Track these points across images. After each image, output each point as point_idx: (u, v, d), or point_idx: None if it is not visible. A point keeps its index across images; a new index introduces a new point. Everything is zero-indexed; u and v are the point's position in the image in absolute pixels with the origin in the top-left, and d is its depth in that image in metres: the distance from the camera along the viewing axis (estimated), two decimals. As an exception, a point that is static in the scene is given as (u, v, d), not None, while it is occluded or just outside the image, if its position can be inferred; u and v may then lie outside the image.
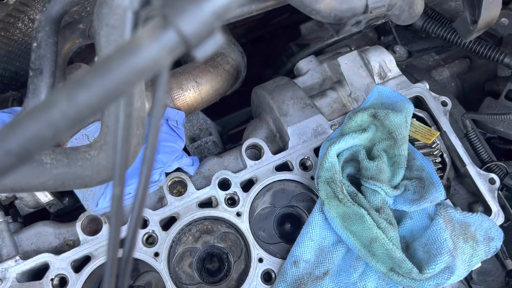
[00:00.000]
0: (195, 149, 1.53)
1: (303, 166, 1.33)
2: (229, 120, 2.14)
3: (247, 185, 1.29)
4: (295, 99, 1.38)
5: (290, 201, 1.31)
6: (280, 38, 2.61)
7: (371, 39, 1.86)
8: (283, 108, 1.37)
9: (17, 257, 1.14)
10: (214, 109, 1.77)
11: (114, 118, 0.79)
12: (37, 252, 1.17)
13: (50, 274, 1.13)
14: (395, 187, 1.21)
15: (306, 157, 1.32)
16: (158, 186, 1.21)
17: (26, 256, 1.16)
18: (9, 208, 1.29)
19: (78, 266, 1.17)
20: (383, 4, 0.95)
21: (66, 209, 1.37)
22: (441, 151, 1.37)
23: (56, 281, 1.14)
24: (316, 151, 1.31)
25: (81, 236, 1.17)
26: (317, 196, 1.25)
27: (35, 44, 1.01)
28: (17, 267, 1.13)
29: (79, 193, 1.14)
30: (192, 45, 0.43)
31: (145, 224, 1.20)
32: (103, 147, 0.83)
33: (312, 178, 1.29)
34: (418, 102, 1.42)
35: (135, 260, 1.34)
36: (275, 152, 1.32)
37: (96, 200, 1.12)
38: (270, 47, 2.63)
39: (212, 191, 1.25)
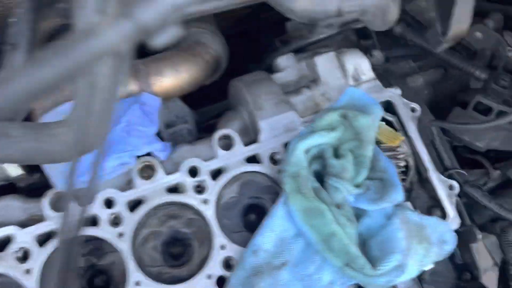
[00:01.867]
0: (169, 135, 1.55)
1: (273, 159, 1.36)
2: (208, 111, 2.16)
3: (216, 174, 1.32)
4: (271, 94, 1.42)
5: (257, 192, 1.35)
6: (267, 33, 2.63)
7: (352, 42, 1.90)
8: (258, 102, 1.40)
9: (-17, 229, 1.16)
10: (194, 99, 1.80)
11: (83, 97, 0.81)
12: (2, 225, 1.19)
13: (14, 247, 1.15)
14: (358, 186, 1.26)
15: (276, 151, 1.35)
16: (127, 168, 1.24)
17: (-9, 228, 1.18)
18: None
19: (44, 241, 1.19)
20: (355, 10, 0.99)
21: (36, 185, 1.38)
22: (406, 156, 1.43)
23: (19, 254, 1.16)
24: (286, 145, 1.35)
25: (47, 211, 1.19)
26: (283, 190, 1.29)
27: (14, 19, 1.02)
28: (-18, 237, 1.15)
29: (47, 169, 1.16)
30: (148, 34, 0.46)
31: (111, 204, 1.22)
32: (71, 125, 0.85)
33: (280, 171, 1.33)
34: (389, 106, 1.47)
35: (100, 240, 1.36)
36: (247, 144, 1.36)
37: (64, 176, 1.14)
38: (256, 41, 2.65)
39: (181, 177, 1.28)
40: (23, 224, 1.20)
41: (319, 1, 1.02)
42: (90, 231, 1.20)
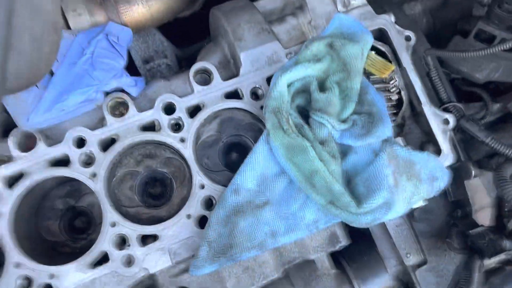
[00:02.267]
0: (147, 71, 1.46)
1: (255, 95, 1.27)
2: (194, 49, 2.04)
3: (194, 112, 1.24)
4: (252, 23, 1.30)
5: (238, 130, 1.27)
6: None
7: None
8: (238, 32, 1.29)
9: None
10: (179, 36, 1.68)
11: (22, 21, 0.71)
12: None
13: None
14: (344, 121, 1.18)
15: (258, 86, 1.26)
16: (95, 105, 1.15)
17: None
18: None
19: (12, 183, 1.14)
20: None
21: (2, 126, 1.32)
22: (399, 88, 1.33)
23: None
24: (269, 80, 1.25)
25: (14, 151, 1.12)
26: (265, 127, 1.21)
27: None
28: None
29: (9, 107, 1.08)
30: None
31: (82, 143, 1.16)
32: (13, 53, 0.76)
33: (262, 108, 1.24)
34: (382, 35, 1.35)
35: (77, 181, 1.31)
36: (227, 79, 1.26)
37: (26, 115, 1.07)
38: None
39: (156, 114, 1.20)
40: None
41: None
42: (62, 172, 1.14)
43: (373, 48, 1.31)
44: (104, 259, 1.14)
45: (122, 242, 1.16)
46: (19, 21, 0.75)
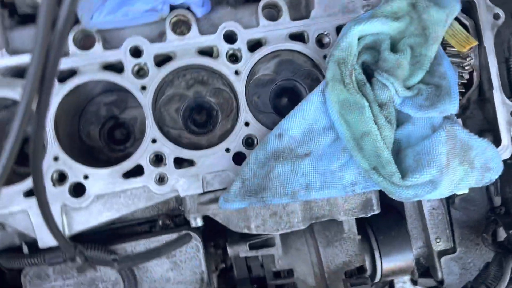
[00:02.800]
0: (214, -1, 1.41)
1: (320, 42, 1.21)
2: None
3: (254, 46, 1.19)
4: (334, -35, 1.21)
5: (295, 75, 1.22)
6: None
7: None
8: (318, -29, 1.21)
9: (4, 50, 1.10)
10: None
11: None
12: (22, 52, 1.13)
13: (34, 77, 1.10)
14: (409, 88, 1.11)
15: (325, 33, 1.20)
16: (159, 17, 1.12)
17: (14, 53, 1.12)
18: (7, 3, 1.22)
19: (64, 78, 1.14)
20: None
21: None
22: (472, 68, 1.24)
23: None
24: (339, 29, 1.19)
25: (71, 47, 1.11)
26: (324, 78, 1.16)
27: None
28: (2, 60, 1.10)
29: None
30: None
31: (138, 54, 1.14)
32: None
33: (325, 57, 1.18)
34: (469, 8, 1.25)
35: (125, 93, 1.31)
36: (295, 20, 1.20)
37: (91, 13, 1.04)
38: None
39: (216, 40, 1.16)
40: (46, 57, 1.14)
41: None
42: (113, 78, 1.13)
43: (456, 19, 1.21)
44: (137, 173, 1.15)
45: (159, 160, 1.16)
46: None
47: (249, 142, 1.18)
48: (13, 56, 1.11)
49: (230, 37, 1.17)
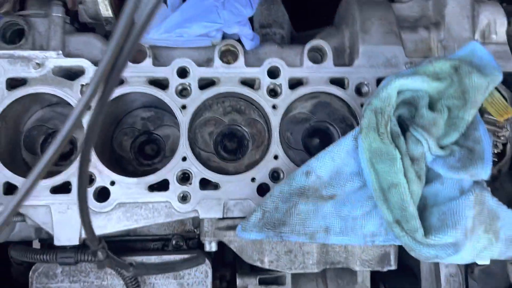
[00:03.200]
0: (261, 36, 1.47)
1: (359, 90, 1.24)
2: (307, 33, 2.03)
3: (294, 85, 1.23)
4: (383, 21, 1.26)
5: (330, 118, 1.24)
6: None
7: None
8: (367, 24, 1.26)
9: (60, 52, 1.16)
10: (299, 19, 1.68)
11: None
12: (79, 57, 1.19)
13: (83, 80, 1.16)
14: (442, 147, 1.11)
15: (365, 82, 1.23)
16: (211, 43, 1.17)
17: (68, 56, 1.19)
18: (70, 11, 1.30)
19: (110, 86, 1.18)
20: None
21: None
22: (507, 139, 1.24)
23: (85, 89, 1.16)
24: (379, 81, 1.22)
25: (123, 58, 1.17)
26: (358, 124, 1.18)
27: None
28: (57, 60, 1.16)
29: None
30: None
31: (184, 74, 1.18)
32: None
33: (362, 105, 1.21)
34: (509, 80, 1.27)
35: (163, 111, 1.35)
36: (337, 66, 1.24)
37: (149, 29, 1.10)
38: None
39: (260, 73, 1.20)
40: (97, 63, 1.19)
41: None
42: (157, 93, 1.17)
43: (496, 89, 1.23)
44: (162, 188, 1.16)
45: (185, 179, 1.17)
46: None
47: (275, 176, 1.19)
48: (67, 58, 1.17)
49: (273, 73, 1.22)
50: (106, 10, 1.22)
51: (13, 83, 1.16)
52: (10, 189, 1.13)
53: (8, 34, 1.21)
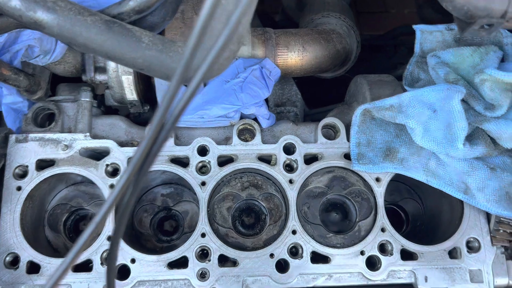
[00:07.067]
0: (276, 114, 1.54)
1: (373, 165, 1.27)
2: (319, 110, 2.11)
3: (310, 160, 1.27)
4: (392, 99, 1.32)
5: (346, 191, 1.26)
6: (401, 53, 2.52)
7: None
8: (376, 102, 1.31)
9: (87, 134, 1.23)
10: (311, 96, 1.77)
11: (216, 27, 0.81)
12: (105, 138, 1.26)
13: (108, 160, 1.21)
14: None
15: (379, 157, 1.26)
16: (230, 123, 1.24)
17: (94, 137, 1.26)
18: (97, 95, 1.40)
19: (133, 165, 1.24)
20: (524, 19, 0.87)
21: (143, 116, 1.46)
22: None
23: (109, 168, 1.22)
24: (392, 155, 1.25)
25: (146, 138, 1.23)
26: (374, 198, 1.20)
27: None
28: (84, 141, 1.23)
29: (159, 95, 1.20)
30: None
31: (204, 153, 1.23)
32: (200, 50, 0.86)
33: (377, 179, 1.23)
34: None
35: (182, 187, 1.39)
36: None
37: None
38: (386, 56, 2.55)
39: (276, 150, 1.25)
40: (122, 144, 1.26)
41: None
42: (178, 171, 1.22)
43: None
44: (181, 265, 1.17)
45: (204, 255, 1.18)
46: (214, 24, 0.85)
47: (293, 251, 1.19)
48: (94, 140, 1.24)
49: (288, 149, 1.26)
50: (131, 95, 1.30)
51: (42, 164, 1.22)
52: (32, 267, 1.15)
53: (40, 118, 1.29)
